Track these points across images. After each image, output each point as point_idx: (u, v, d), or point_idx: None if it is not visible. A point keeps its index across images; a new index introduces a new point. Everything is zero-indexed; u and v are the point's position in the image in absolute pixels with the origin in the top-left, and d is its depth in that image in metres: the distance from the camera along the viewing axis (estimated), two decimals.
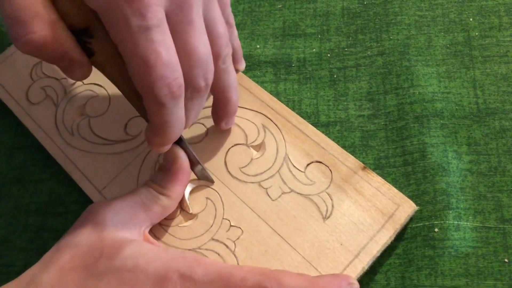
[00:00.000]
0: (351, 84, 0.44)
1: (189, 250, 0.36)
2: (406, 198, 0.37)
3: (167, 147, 0.35)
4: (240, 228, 0.37)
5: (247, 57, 0.46)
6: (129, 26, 0.29)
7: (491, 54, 0.43)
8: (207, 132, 0.41)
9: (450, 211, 0.37)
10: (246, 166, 0.39)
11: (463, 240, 0.36)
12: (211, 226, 0.37)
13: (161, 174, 0.36)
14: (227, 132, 0.41)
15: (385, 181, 0.37)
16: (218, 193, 0.38)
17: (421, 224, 0.37)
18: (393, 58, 0.44)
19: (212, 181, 0.39)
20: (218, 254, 0.36)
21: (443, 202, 0.38)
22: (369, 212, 0.36)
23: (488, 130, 0.40)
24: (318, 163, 0.39)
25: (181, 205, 0.38)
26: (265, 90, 0.44)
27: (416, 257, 0.36)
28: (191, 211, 0.38)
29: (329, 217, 0.36)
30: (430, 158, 0.39)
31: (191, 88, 0.32)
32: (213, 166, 0.39)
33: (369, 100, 0.43)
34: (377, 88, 0.43)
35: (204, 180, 0.39)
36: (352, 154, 0.39)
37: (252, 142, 0.40)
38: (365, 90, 0.43)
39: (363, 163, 0.39)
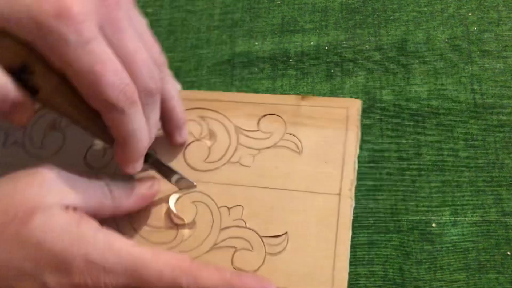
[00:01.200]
0: (348, 79, 0.44)
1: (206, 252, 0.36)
2: (348, 98, 0.40)
3: (139, 165, 0.35)
4: (238, 205, 0.37)
5: (245, 54, 0.46)
6: (69, 44, 0.29)
7: (490, 48, 0.43)
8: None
9: (446, 208, 0.38)
10: (208, 156, 0.40)
11: (461, 235, 0.37)
12: (213, 221, 0.37)
13: (124, 180, 0.36)
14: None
15: (325, 96, 0.42)
16: (199, 192, 0.39)
17: (418, 217, 0.37)
18: (390, 54, 0.44)
19: (193, 185, 0.39)
20: (237, 238, 0.36)
21: (439, 199, 0.38)
22: (329, 126, 0.39)
23: (486, 124, 0.40)
24: (265, 117, 0.40)
25: (174, 222, 0.38)
26: (262, 86, 0.44)
27: (415, 250, 0.37)
28: (186, 221, 0.38)
29: (302, 150, 0.39)
30: (425, 157, 0.39)
31: (143, 93, 0.32)
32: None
33: (365, 93, 0.43)
34: (373, 83, 0.43)
35: (185, 188, 0.39)
36: None
37: (201, 134, 0.41)
38: (361, 84, 0.43)
39: (358, 156, 0.39)
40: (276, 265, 0.35)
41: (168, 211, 0.38)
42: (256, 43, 0.47)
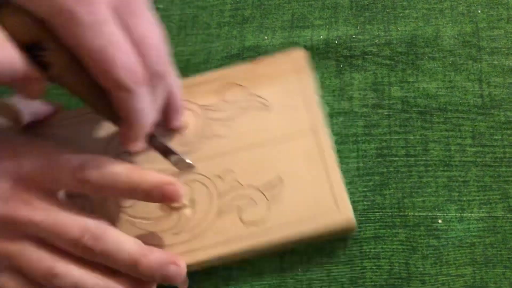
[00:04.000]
0: (357, 74, 0.44)
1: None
2: (292, 50, 0.44)
3: (141, 144, 0.36)
4: (229, 170, 0.40)
5: (254, 48, 0.47)
6: (82, 24, 0.30)
7: (499, 45, 0.43)
8: None
9: (453, 204, 0.38)
10: (184, 139, 0.41)
11: (467, 231, 0.37)
12: (210, 192, 0.39)
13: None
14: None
15: (271, 55, 0.44)
16: (189, 172, 0.40)
17: (424, 213, 0.38)
18: (400, 49, 0.44)
19: (193, 167, 0.40)
20: (238, 198, 0.38)
21: (445, 196, 0.38)
22: (285, 78, 0.42)
23: (493, 121, 0.40)
24: (225, 89, 0.43)
25: (173, 207, 0.39)
26: None
27: (421, 245, 0.37)
28: (186, 202, 0.39)
29: (269, 105, 0.42)
30: (432, 153, 0.40)
31: (153, 75, 0.33)
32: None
33: (373, 90, 0.43)
34: (382, 79, 0.43)
35: (184, 169, 0.40)
36: (355, 144, 0.41)
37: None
38: (370, 80, 0.43)
39: (365, 151, 0.40)
40: (282, 209, 0.37)
41: None
42: (266, 37, 0.47)
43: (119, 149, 0.42)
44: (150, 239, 0.38)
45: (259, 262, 0.38)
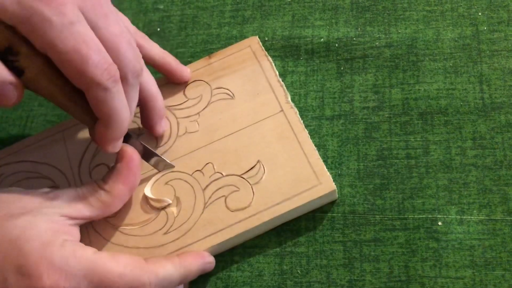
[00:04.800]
0: (358, 76, 0.44)
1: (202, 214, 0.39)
2: (246, 39, 0.45)
3: (119, 144, 0.36)
4: (208, 163, 0.40)
5: None
6: (53, 26, 0.30)
7: (499, 48, 0.43)
8: None
9: (453, 206, 0.38)
10: (157, 142, 0.42)
11: (467, 234, 0.37)
12: (193, 187, 0.40)
13: (108, 171, 0.37)
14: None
15: (225, 48, 0.45)
16: (168, 172, 0.40)
17: (424, 216, 0.38)
18: (400, 51, 0.44)
19: (172, 166, 0.41)
20: (221, 188, 0.39)
21: (446, 198, 0.38)
22: (245, 66, 0.44)
23: (494, 124, 0.40)
24: (187, 87, 0.44)
25: (158, 208, 0.39)
26: None
27: (420, 248, 0.37)
28: (170, 201, 0.39)
29: (234, 94, 0.43)
30: (432, 155, 0.40)
31: (130, 73, 0.34)
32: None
33: (374, 92, 0.43)
34: (383, 81, 0.43)
35: (164, 169, 0.40)
36: (355, 146, 0.41)
37: (140, 130, 0.43)
38: (371, 82, 0.43)
39: (366, 153, 0.40)
40: (265, 189, 0.39)
41: (148, 203, 0.39)
42: (266, 38, 0.47)
43: (93, 163, 0.42)
44: (140, 243, 0.38)
45: (259, 263, 0.38)
